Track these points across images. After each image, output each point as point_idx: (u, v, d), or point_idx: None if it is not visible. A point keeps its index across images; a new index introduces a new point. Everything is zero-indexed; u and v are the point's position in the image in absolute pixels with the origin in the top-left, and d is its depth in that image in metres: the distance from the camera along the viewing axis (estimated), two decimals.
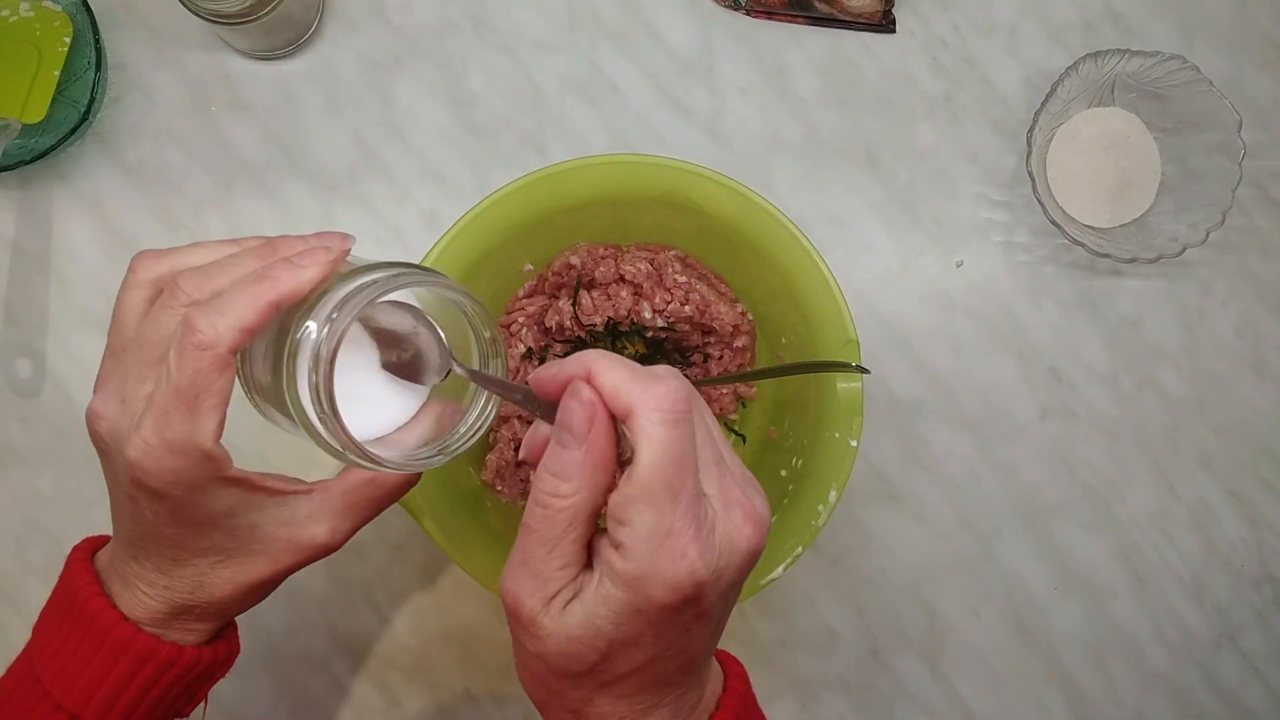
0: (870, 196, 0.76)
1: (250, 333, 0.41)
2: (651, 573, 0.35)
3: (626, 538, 0.35)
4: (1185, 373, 0.77)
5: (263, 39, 0.72)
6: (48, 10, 0.72)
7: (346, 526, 0.47)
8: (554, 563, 0.37)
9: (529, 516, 0.37)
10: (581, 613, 0.36)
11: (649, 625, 0.36)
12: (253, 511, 0.44)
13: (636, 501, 0.35)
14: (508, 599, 0.38)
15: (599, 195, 0.64)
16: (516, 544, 0.38)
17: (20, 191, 0.74)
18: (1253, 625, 0.76)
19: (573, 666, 0.37)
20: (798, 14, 0.77)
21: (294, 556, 0.46)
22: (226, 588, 0.46)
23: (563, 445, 0.36)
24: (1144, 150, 0.76)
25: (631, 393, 0.36)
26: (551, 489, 0.36)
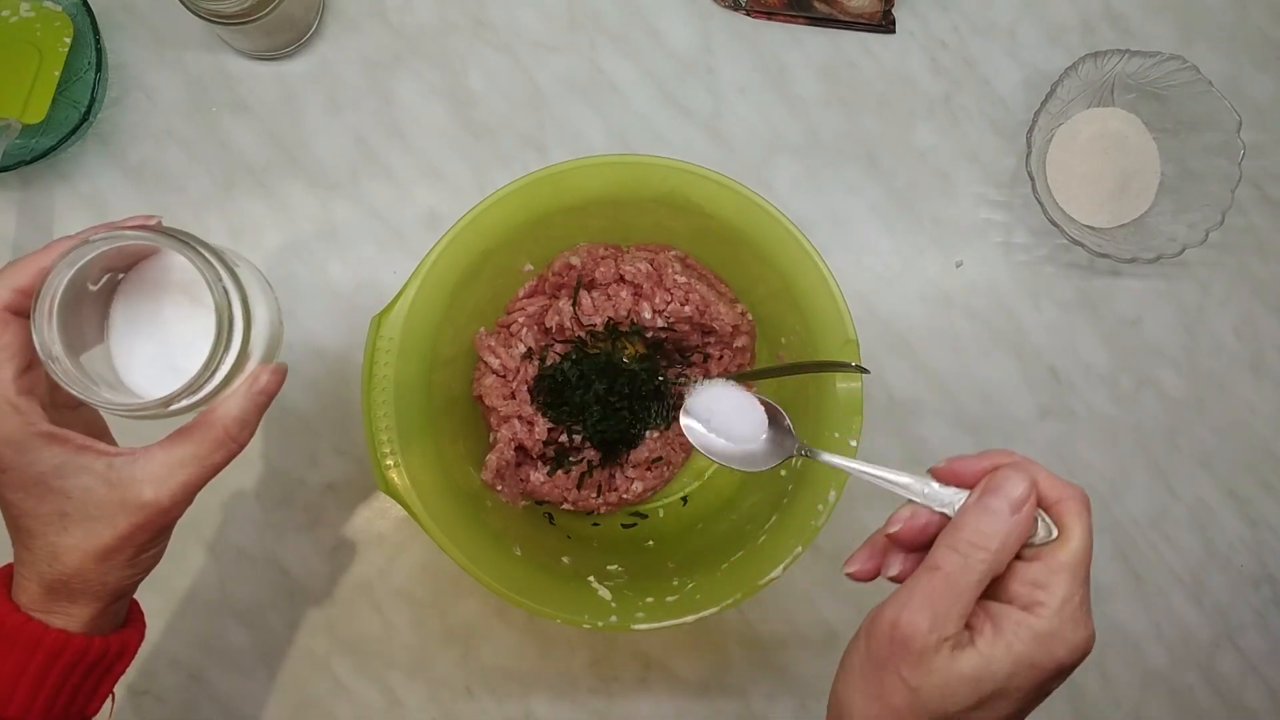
0: (870, 196, 0.77)
1: (21, 292, 0.47)
2: (1060, 632, 0.41)
3: (1046, 599, 0.41)
4: (1184, 373, 0.77)
5: (263, 39, 0.72)
6: (48, 10, 0.72)
7: (171, 484, 0.48)
8: (958, 608, 0.41)
9: (942, 560, 0.41)
10: (977, 659, 0.40)
11: (1031, 683, 0.41)
12: (81, 474, 0.47)
13: (1063, 571, 0.41)
14: (904, 629, 0.41)
15: (599, 195, 0.64)
16: (917, 582, 0.41)
17: (21, 192, 0.74)
18: (1252, 625, 0.76)
19: (946, 706, 0.41)
20: (797, 14, 0.77)
21: (128, 518, 0.48)
22: (76, 556, 0.48)
23: (993, 511, 0.41)
24: (1143, 150, 0.76)
25: (1062, 486, 0.43)
26: (975, 540, 0.41)
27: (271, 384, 0.51)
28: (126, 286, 0.51)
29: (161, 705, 0.72)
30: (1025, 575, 0.42)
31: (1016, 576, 0.42)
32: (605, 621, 0.61)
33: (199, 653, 0.73)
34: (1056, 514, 0.42)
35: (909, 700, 0.41)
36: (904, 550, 0.45)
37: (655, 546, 0.69)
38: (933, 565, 0.42)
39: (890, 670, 0.41)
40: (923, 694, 0.41)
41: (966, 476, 0.44)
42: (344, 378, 0.74)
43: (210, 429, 0.49)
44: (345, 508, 0.74)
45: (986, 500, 0.42)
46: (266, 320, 0.51)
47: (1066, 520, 0.42)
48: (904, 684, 0.41)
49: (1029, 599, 0.41)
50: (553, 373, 0.69)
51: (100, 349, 0.50)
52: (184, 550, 0.73)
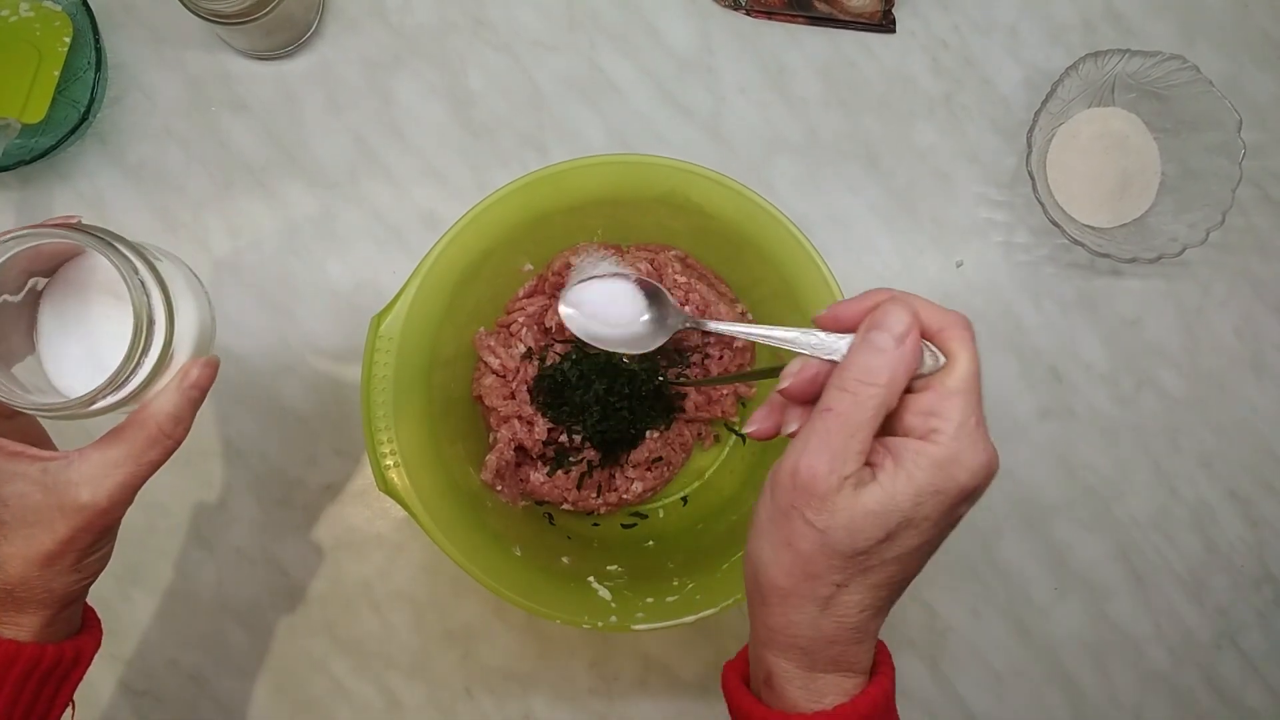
0: (870, 196, 0.76)
1: None
2: (959, 456, 0.40)
3: (940, 425, 0.41)
4: (1185, 373, 0.77)
5: (262, 39, 0.72)
6: (48, 10, 0.72)
7: (108, 485, 0.48)
8: (854, 446, 0.40)
9: (834, 402, 0.41)
10: (880, 492, 0.40)
11: (937, 508, 0.41)
12: (16, 480, 0.47)
13: (954, 395, 0.41)
14: (803, 474, 0.41)
15: (599, 195, 0.64)
16: (811, 427, 0.41)
17: (20, 191, 0.74)
18: (1253, 625, 0.76)
19: (855, 542, 0.41)
20: (798, 14, 0.77)
21: (67, 522, 0.47)
22: (17, 564, 0.47)
23: (877, 346, 0.41)
24: (1144, 150, 0.76)
25: (943, 314, 0.42)
26: (864, 376, 0.41)
27: (203, 378, 0.50)
28: (50, 291, 0.51)
29: (160, 705, 0.72)
30: (918, 405, 0.41)
31: (910, 408, 0.42)
32: (605, 622, 0.61)
33: (198, 653, 0.73)
34: (941, 342, 0.42)
35: (818, 542, 0.41)
36: (800, 405, 0.45)
37: (655, 547, 0.69)
38: (825, 408, 0.41)
39: (795, 516, 0.41)
40: (830, 534, 0.41)
41: (849, 320, 0.43)
42: (343, 378, 0.74)
43: (143, 427, 0.49)
44: (344, 508, 0.74)
45: (870, 336, 0.41)
46: (195, 315, 0.50)
47: (951, 347, 0.42)
48: (810, 527, 0.41)
49: (924, 428, 0.41)
50: (552, 373, 0.69)
51: (31, 358, 0.50)
52: (183, 551, 0.73)
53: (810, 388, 0.44)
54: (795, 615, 0.43)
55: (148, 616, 0.72)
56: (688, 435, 0.72)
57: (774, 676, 0.44)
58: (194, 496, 0.73)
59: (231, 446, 0.73)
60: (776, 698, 0.44)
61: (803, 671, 0.44)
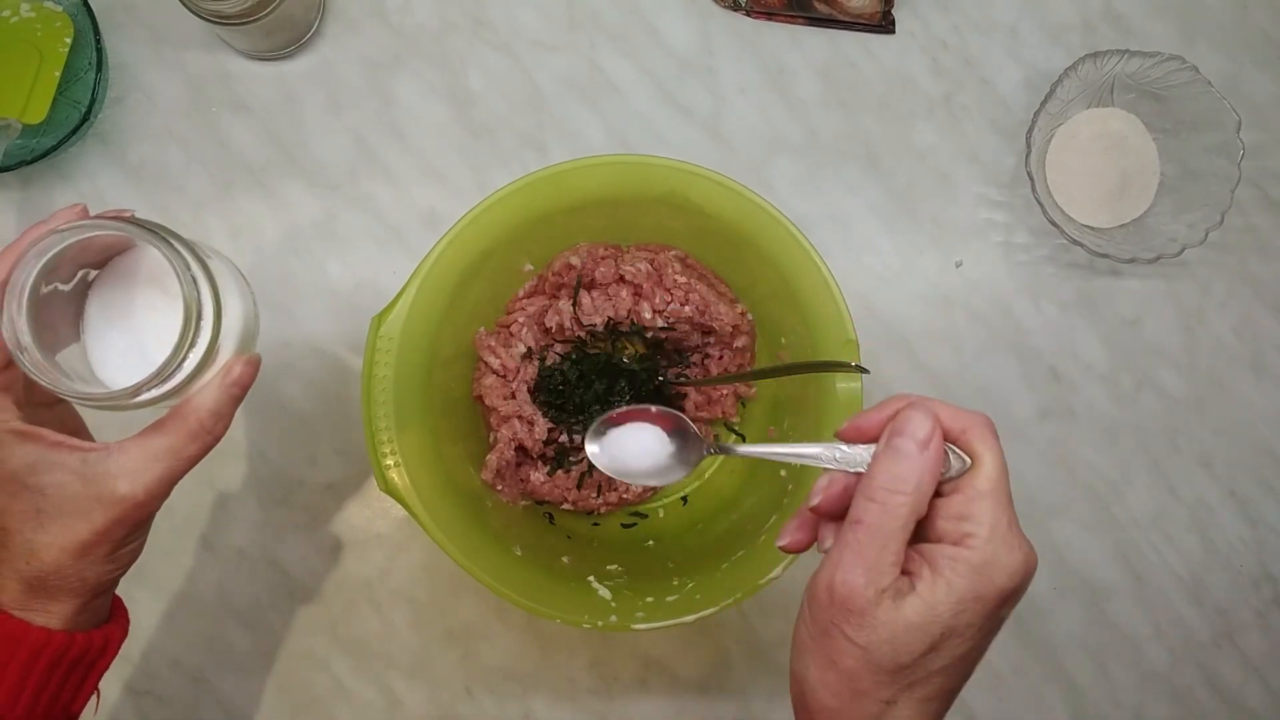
0: (870, 197, 0.77)
1: None
2: (996, 559, 0.40)
3: (973, 529, 0.40)
4: (1184, 373, 0.77)
5: (263, 39, 0.72)
6: (49, 11, 0.72)
7: (147, 478, 0.48)
8: (888, 557, 0.40)
9: (864, 513, 0.41)
10: (919, 603, 0.40)
11: (980, 616, 0.40)
12: (55, 470, 0.47)
13: (983, 498, 0.41)
14: (839, 590, 0.40)
15: (599, 195, 0.64)
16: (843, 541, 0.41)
17: (21, 192, 0.74)
18: (1252, 625, 0.76)
19: (900, 657, 0.40)
20: (797, 14, 0.77)
21: (104, 513, 0.48)
22: (53, 552, 0.48)
23: (901, 453, 0.41)
24: (1143, 150, 0.76)
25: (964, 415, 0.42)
26: (890, 485, 0.40)
27: (245, 375, 0.50)
28: (100, 282, 0.51)
29: (162, 705, 0.72)
30: (948, 510, 0.41)
31: (940, 513, 0.41)
32: (605, 621, 0.61)
33: (199, 653, 0.73)
34: (964, 443, 0.42)
35: (861, 659, 0.40)
36: (832, 520, 0.45)
37: (655, 546, 0.69)
38: (854, 520, 0.41)
39: (836, 633, 0.41)
40: (873, 650, 0.40)
41: (870, 430, 0.43)
42: (344, 377, 0.74)
43: (184, 421, 0.49)
44: (345, 508, 0.74)
45: (893, 444, 0.41)
46: (240, 312, 0.51)
47: (975, 448, 0.42)
48: (852, 644, 0.40)
49: (958, 533, 0.41)
50: (553, 373, 0.69)
51: (76, 346, 0.50)
52: (184, 551, 0.73)
53: (840, 501, 0.44)
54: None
55: (150, 617, 0.72)
56: None
57: None
58: (195, 497, 0.73)
59: (232, 447, 0.73)
60: None
61: None
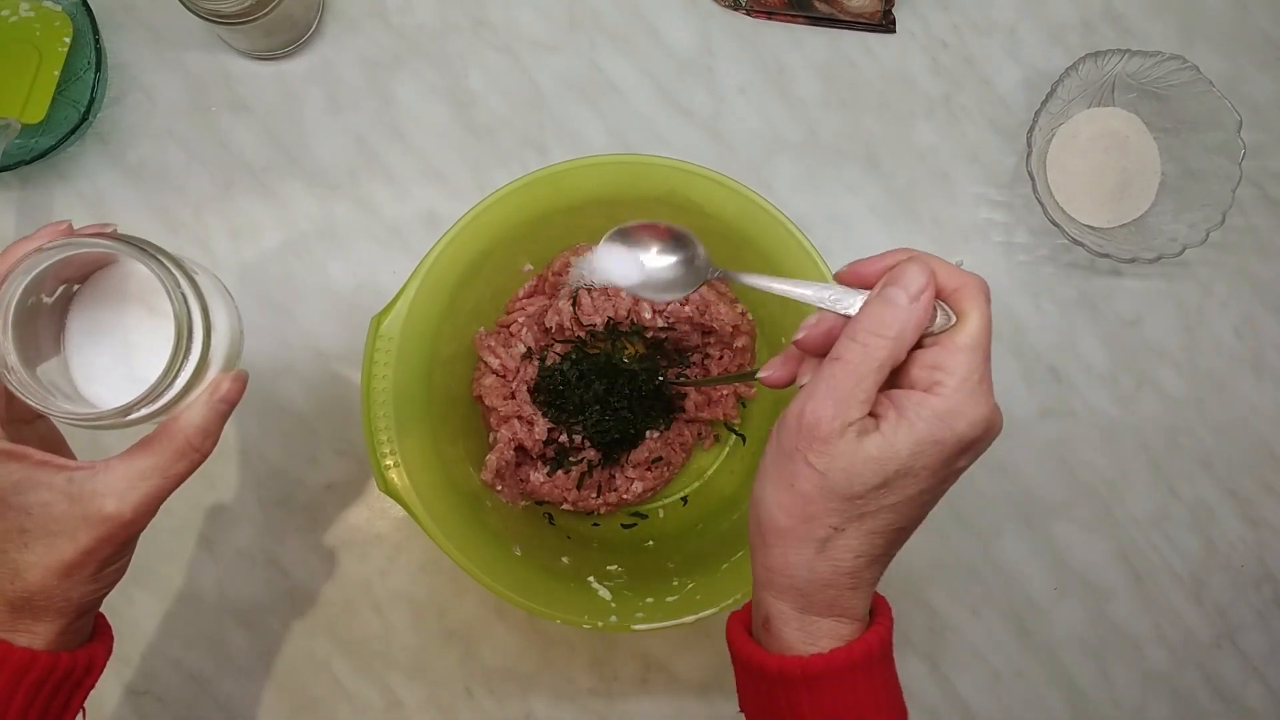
0: (870, 196, 0.76)
1: None
2: (960, 408, 0.42)
3: (944, 379, 0.42)
4: (1185, 373, 0.77)
5: (262, 39, 0.72)
6: (48, 10, 0.72)
7: (134, 497, 0.47)
8: (859, 394, 0.42)
9: (844, 351, 0.42)
10: (880, 440, 0.42)
11: (936, 458, 0.42)
12: (40, 489, 0.47)
13: (961, 350, 0.42)
14: (808, 417, 0.42)
15: (599, 195, 0.64)
16: (820, 374, 0.43)
17: (20, 191, 0.74)
18: (1252, 625, 0.76)
19: (854, 486, 0.42)
20: (798, 14, 0.77)
21: (90, 532, 0.47)
22: (38, 572, 0.47)
23: (891, 301, 0.42)
24: (1144, 150, 0.76)
25: (961, 275, 0.43)
26: (875, 329, 0.42)
27: (233, 392, 0.50)
28: (82, 297, 0.50)
29: (162, 706, 0.72)
30: (925, 360, 0.43)
31: (916, 362, 0.43)
32: (605, 622, 0.61)
33: (199, 654, 0.73)
34: (954, 301, 0.43)
35: (817, 483, 0.42)
36: (815, 356, 0.46)
37: (655, 547, 0.69)
38: (834, 356, 0.42)
39: (798, 458, 0.43)
40: (830, 477, 0.42)
41: (868, 276, 0.44)
42: (343, 378, 0.74)
43: (172, 439, 0.48)
44: (345, 508, 0.74)
45: (886, 292, 0.42)
46: (226, 328, 0.50)
47: (964, 306, 0.43)
48: (811, 469, 0.42)
49: (929, 380, 0.42)
50: (552, 373, 0.69)
51: (56, 361, 0.49)
52: (183, 551, 0.73)
53: (825, 340, 0.44)
54: (792, 556, 0.44)
55: (149, 617, 0.72)
56: (688, 435, 0.72)
57: (771, 619, 0.45)
58: (195, 497, 0.73)
59: (232, 447, 0.73)
60: (774, 640, 0.46)
61: (799, 614, 0.45)
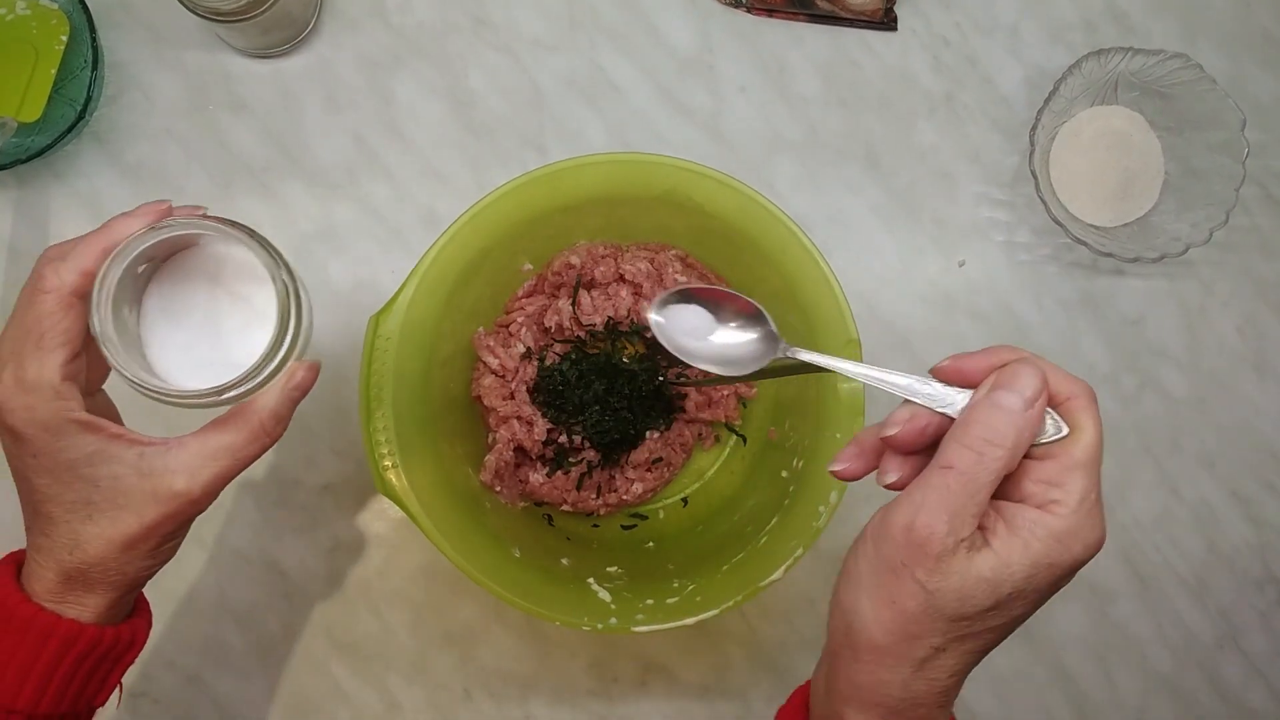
0: (871, 196, 0.76)
1: (89, 275, 0.47)
2: (1077, 531, 0.39)
3: (1063, 497, 0.40)
4: (1188, 373, 0.76)
5: (260, 36, 0.72)
6: (44, 8, 0.72)
7: (204, 476, 0.48)
8: (972, 508, 0.39)
9: (956, 459, 0.40)
10: (995, 560, 0.39)
11: (1048, 581, 0.40)
12: (112, 462, 0.47)
13: (1077, 469, 0.40)
14: (920, 532, 0.39)
15: (598, 194, 0.64)
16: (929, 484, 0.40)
17: (17, 190, 0.74)
18: (1255, 626, 0.75)
19: (963, 608, 0.40)
20: (799, 12, 0.76)
21: (157, 508, 0.48)
22: (99, 544, 0.48)
23: (1005, 407, 0.40)
24: (1147, 149, 0.75)
25: (1070, 381, 0.41)
26: (990, 436, 0.39)
27: (306, 380, 0.51)
28: (161, 276, 0.51)
29: (159, 707, 0.72)
30: (1039, 474, 0.40)
31: (1029, 475, 0.40)
32: (605, 624, 0.61)
33: (196, 655, 0.72)
34: (1066, 411, 0.41)
35: (925, 604, 0.40)
36: (900, 454, 0.43)
37: (655, 548, 0.69)
38: (945, 464, 0.40)
39: (905, 574, 0.40)
40: (939, 597, 0.40)
41: (971, 375, 0.42)
42: (342, 378, 0.73)
43: (247, 422, 0.49)
44: (343, 509, 0.73)
45: (998, 396, 0.40)
46: (308, 317, 0.51)
47: (1077, 417, 0.41)
48: (920, 587, 0.40)
49: (1044, 497, 0.40)
50: (552, 373, 0.69)
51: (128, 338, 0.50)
52: (181, 552, 0.72)
53: (918, 439, 0.42)
54: (887, 675, 0.41)
55: None
56: (688, 436, 0.71)
57: None
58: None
59: None
60: None
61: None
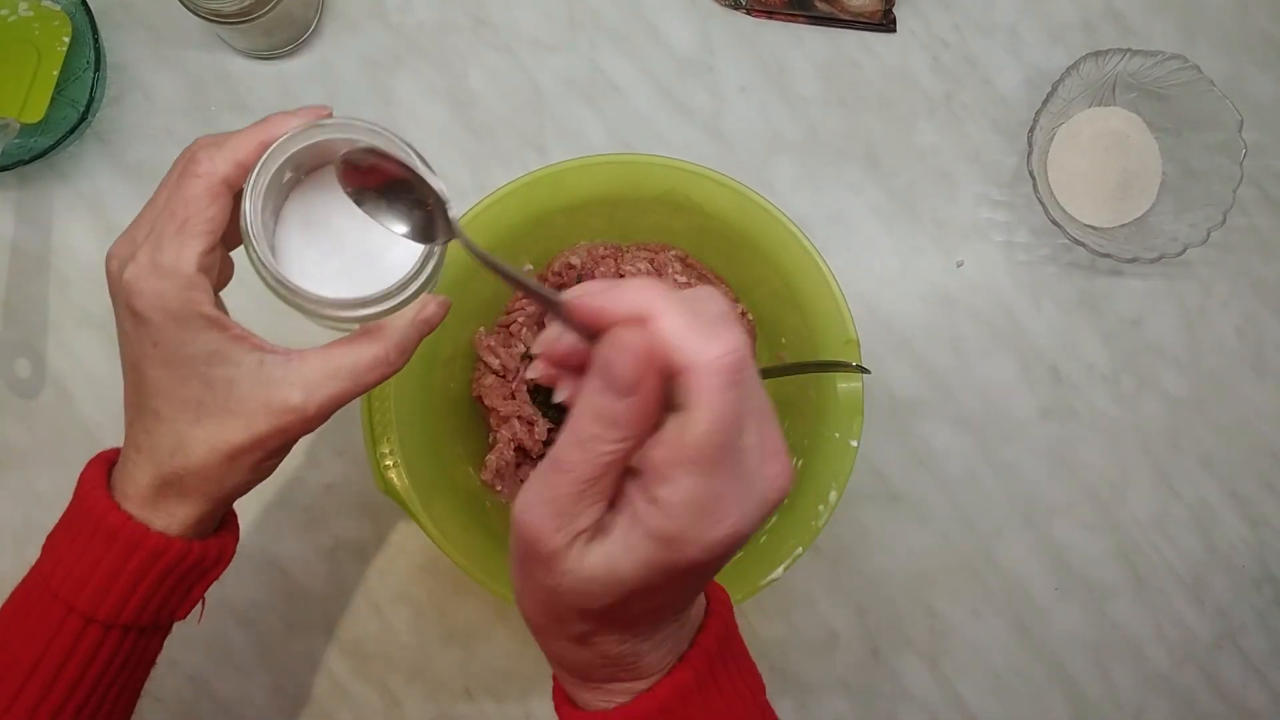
0: (870, 196, 0.76)
1: (242, 167, 0.45)
2: (689, 534, 0.34)
3: (667, 495, 0.33)
4: (1186, 373, 0.77)
5: (262, 38, 0.72)
6: (47, 9, 0.72)
7: (321, 394, 0.46)
8: (583, 503, 0.35)
9: (564, 453, 0.34)
10: (603, 556, 0.35)
11: (672, 579, 0.35)
12: (230, 364, 0.45)
13: (685, 464, 0.33)
14: (527, 530, 0.35)
15: (599, 195, 0.64)
16: (542, 473, 0.35)
17: (19, 191, 0.74)
18: (1253, 625, 0.76)
19: (589, 604, 0.36)
20: (798, 13, 0.77)
21: (268, 420, 0.46)
22: (202, 450, 0.46)
23: (610, 393, 0.33)
24: (1145, 150, 0.76)
25: (690, 348, 0.33)
26: (595, 433, 0.34)
27: (436, 315, 0.49)
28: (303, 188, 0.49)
29: (160, 706, 0.72)
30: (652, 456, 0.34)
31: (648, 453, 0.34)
32: None
33: (197, 654, 0.72)
34: (681, 386, 0.33)
35: (551, 598, 0.37)
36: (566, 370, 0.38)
37: None
38: (554, 458, 0.35)
39: (528, 569, 0.37)
40: (560, 594, 0.36)
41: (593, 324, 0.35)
42: None
43: (371, 345, 0.47)
44: (344, 508, 0.73)
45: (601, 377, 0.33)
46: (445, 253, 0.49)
47: (691, 400, 0.33)
48: (540, 585, 0.37)
49: (651, 491, 0.34)
50: None
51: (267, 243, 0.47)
52: None
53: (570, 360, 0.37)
54: (555, 646, 0.40)
55: None
56: None
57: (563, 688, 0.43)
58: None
59: None
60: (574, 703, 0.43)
61: (584, 684, 0.41)
